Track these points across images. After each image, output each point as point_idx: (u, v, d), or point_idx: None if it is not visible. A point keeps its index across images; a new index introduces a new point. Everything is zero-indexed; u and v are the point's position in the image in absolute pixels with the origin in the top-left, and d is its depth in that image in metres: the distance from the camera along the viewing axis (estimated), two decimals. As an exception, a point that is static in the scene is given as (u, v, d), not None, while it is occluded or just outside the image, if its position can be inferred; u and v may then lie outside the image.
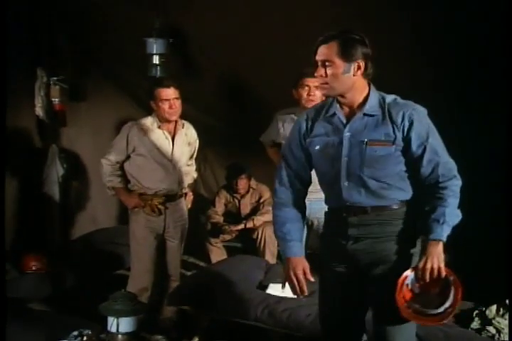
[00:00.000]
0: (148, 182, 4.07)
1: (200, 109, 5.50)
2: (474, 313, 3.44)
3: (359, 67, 2.53)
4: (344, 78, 2.54)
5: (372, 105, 2.56)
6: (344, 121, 2.59)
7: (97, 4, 4.70)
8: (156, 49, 4.79)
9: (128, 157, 4.06)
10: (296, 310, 3.56)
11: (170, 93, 4.00)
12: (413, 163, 2.55)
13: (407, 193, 2.59)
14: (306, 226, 4.07)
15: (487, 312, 3.41)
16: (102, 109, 5.61)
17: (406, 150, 2.53)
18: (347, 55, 2.52)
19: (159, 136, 4.07)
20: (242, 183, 5.54)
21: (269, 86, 4.98)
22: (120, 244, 4.94)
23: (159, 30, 4.76)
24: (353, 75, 2.54)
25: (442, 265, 2.46)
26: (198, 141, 4.34)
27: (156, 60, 4.84)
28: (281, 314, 3.55)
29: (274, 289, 3.83)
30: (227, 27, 4.55)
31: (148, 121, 4.09)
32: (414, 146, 2.52)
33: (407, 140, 2.52)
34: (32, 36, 5.07)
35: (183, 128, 4.18)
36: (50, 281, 4.61)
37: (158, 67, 4.85)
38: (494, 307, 3.43)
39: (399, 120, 2.52)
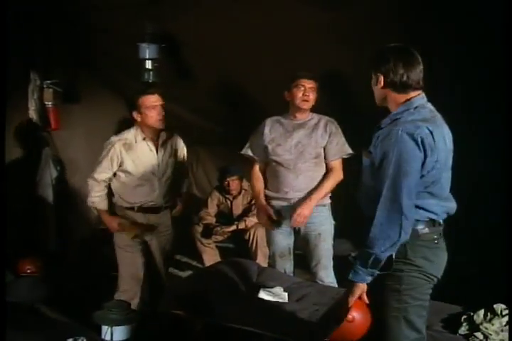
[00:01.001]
0: (132, 198, 4.03)
1: (193, 110, 5.52)
2: (462, 318, 3.44)
3: (380, 81, 2.58)
4: (375, 89, 2.64)
5: (390, 118, 2.58)
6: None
7: (95, 7, 4.70)
8: (148, 54, 4.78)
9: (114, 174, 3.98)
10: (288, 314, 3.58)
11: (155, 99, 3.90)
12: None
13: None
14: (292, 231, 4.14)
15: (475, 317, 3.39)
16: (96, 111, 5.61)
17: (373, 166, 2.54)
18: (372, 68, 2.62)
19: (144, 149, 3.97)
20: (234, 184, 5.58)
21: (263, 88, 5.00)
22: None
23: (152, 35, 4.75)
24: (378, 88, 2.60)
25: (348, 301, 2.57)
26: (185, 149, 4.25)
27: (148, 64, 4.82)
28: (273, 319, 3.59)
29: (266, 294, 3.87)
30: (221, 31, 4.54)
31: (131, 135, 3.97)
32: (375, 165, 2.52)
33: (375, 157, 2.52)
34: (26, 38, 5.05)
35: (168, 138, 4.08)
36: (44, 284, 4.66)
37: (151, 72, 4.84)
38: (482, 312, 3.42)
39: (378, 136, 2.54)
